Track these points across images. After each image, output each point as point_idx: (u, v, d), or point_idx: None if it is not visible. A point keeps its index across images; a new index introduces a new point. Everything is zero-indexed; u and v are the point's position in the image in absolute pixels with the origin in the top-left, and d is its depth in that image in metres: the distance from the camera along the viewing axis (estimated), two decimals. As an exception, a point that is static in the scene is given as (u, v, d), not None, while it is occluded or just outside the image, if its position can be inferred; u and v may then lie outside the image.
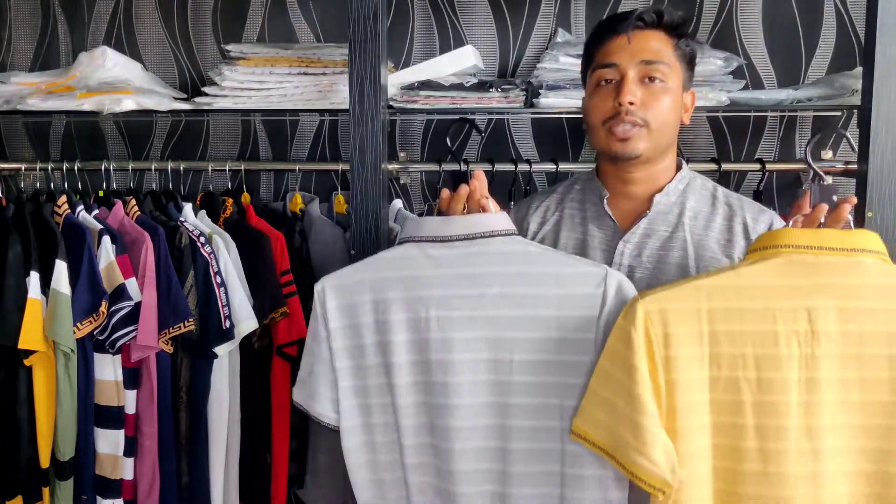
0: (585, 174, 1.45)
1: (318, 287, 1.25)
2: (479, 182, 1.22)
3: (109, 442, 1.80)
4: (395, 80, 1.88)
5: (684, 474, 1.02)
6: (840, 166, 1.95)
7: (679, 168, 1.35)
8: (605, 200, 1.34)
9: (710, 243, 1.26)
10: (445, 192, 1.26)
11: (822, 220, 1.10)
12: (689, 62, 1.31)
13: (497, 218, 1.22)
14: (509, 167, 1.98)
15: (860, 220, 1.61)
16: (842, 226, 1.09)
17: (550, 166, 2.04)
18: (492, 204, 1.24)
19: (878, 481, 1.03)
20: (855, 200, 1.13)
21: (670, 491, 1.03)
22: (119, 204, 1.91)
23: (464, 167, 2.02)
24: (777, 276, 1.04)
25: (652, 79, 1.25)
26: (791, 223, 1.11)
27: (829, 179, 1.21)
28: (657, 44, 1.26)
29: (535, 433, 1.15)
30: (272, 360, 1.86)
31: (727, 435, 1.04)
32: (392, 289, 1.19)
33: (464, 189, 1.22)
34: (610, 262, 1.28)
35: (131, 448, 1.81)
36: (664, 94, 1.25)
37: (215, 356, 1.78)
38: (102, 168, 2.05)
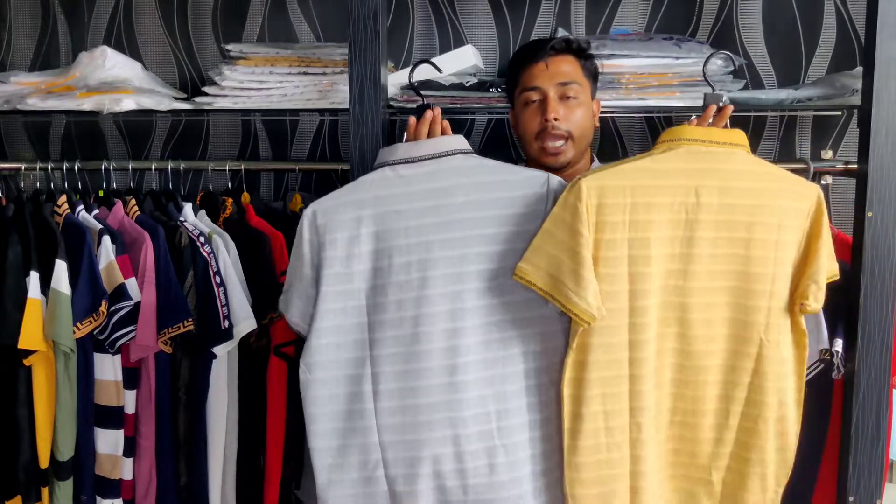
0: None
1: (308, 211, 1.43)
2: (438, 111, 1.47)
3: (109, 442, 1.80)
4: (395, 80, 1.88)
5: (606, 309, 1.34)
6: (840, 166, 1.95)
7: (592, 161, 1.67)
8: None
9: None
10: (412, 119, 1.48)
11: (711, 120, 1.44)
12: (594, 77, 1.62)
13: (456, 139, 1.45)
14: (509, 167, 1.98)
15: (860, 218, 1.61)
16: (723, 125, 1.43)
17: (550, 166, 2.04)
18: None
19: (736, 310, 1.40)
20: (731, 108, 1.43)
21: (594, 322, 1.33)
22: (119, 204, 1.91)
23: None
24: (679, 162, 1.36)
25: (568, 97, 1.54)
26: (688, 122, 1.44)
27: (716, 89, 1.49)
28: (569, 67, 1.56)
29: (487, 309, 1.39)
30: (269, 360, 1.86)
31: (638, 281, 1.35)
32: (373, 206, 1.41)
33: (428, 114, 1.46)
34: None
35: (131, 448, 1.81)
36: (579, 107, 1.56)
37: (214, 356, 1.78)
38: (102, 168, 2.04)
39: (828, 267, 1.42)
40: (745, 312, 1.39)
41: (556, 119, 1.52)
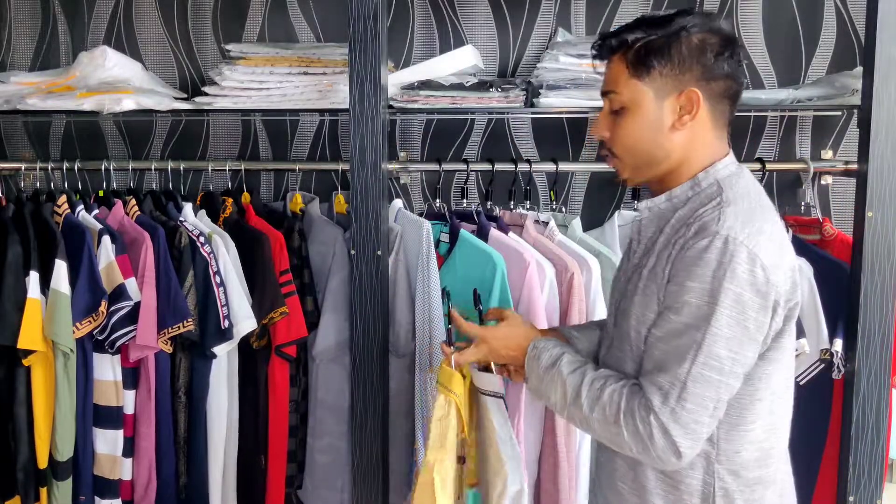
0: None
1: None
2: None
3: (108, 442, 1.80)
4: (395, 80, 1.88)
5: None
6: (840, 166, 1.95)
7: (726, 155, 1.29)
8: (638, 203, 1.38)
9: (651, 258, 1.23)
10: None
11: None
12: (659, 68, 1.22)
13: None
14: (509, 167, 1.98)
15: (860, 218, 1.61)
16: None
17: (550, 166, 2.04)
18: None
19: None
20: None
21: None
22: (119, 204, 1.91)
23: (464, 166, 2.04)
24: None
25: (615, 110, 1.26)
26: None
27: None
28: (613, 71, 1.26)
29: None
30: (270, 360, 1.86)
31: None
32: None
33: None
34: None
35: (130, 448, 1.81)
36: (625, 118, 1.25)
37: (214, 356, 1.78)
38: (102, 168, 2.04)
39: None
40: None
41: (599, 137, 1.29)
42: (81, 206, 1.86)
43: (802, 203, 2.04)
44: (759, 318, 1.11)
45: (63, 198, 1.86)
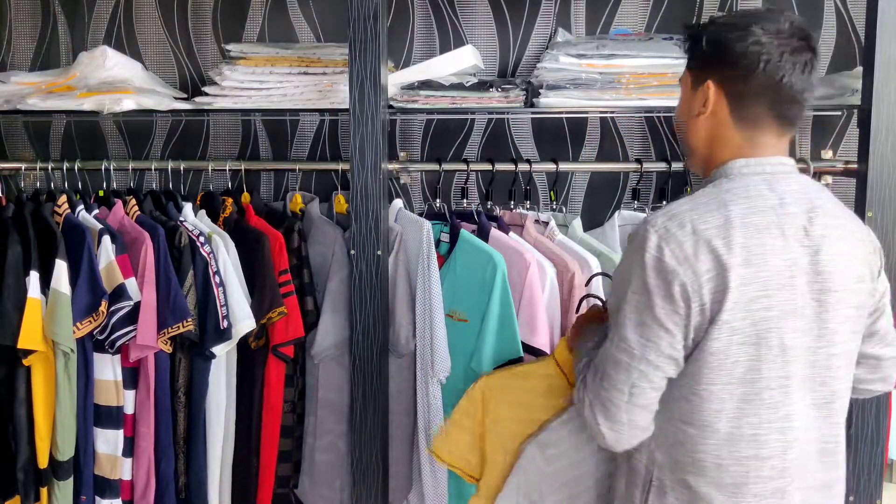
0: None
1: None
2: None
3: (108, 442, 1.80)
4: (395, 80, 1.88)
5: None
6: (840, 166, 1.95)
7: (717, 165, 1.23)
8: None
9: None
10: None
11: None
12: (695, 56, 1.23)
13: None
14: (509, 167, 1.98)
15: (860, 218, 1.60)
16: None
17: (550, 166, 2.04)
18: None
19: None
20: None
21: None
22: (119, 204, 1.91)
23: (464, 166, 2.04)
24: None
25: None
26: None
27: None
28: None
29: None
30: (267, 359, 1.86)
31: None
32: None
33: None
34: None
35: (130, 448, 1.81)
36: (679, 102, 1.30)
37: (213, 356, 1.78)
38: (102, 168, 2.05)
39: None
40: None
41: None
42: (81, 206, 1.87)
43: (802, 203, 2.03)
44: (666, 307, 1.10)
45: (63, 198, 1.87)
